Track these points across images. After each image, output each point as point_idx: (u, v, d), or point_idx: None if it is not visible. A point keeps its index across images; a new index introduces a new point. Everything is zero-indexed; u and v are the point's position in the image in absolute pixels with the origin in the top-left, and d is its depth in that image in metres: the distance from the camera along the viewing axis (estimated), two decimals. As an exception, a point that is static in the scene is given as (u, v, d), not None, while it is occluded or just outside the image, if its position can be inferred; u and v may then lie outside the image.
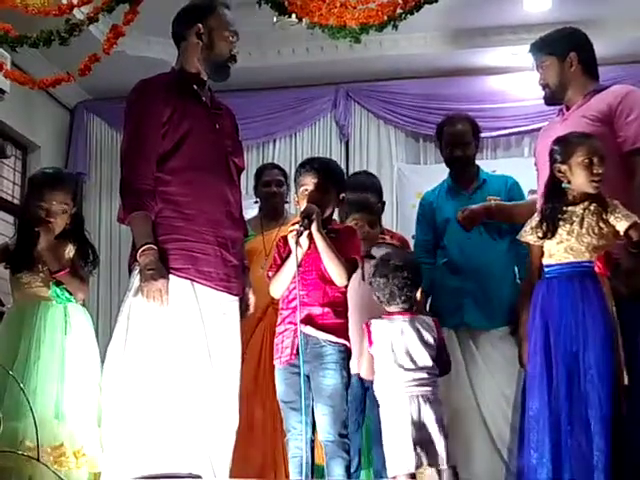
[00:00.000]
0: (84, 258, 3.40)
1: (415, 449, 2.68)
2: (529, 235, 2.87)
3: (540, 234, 2.81)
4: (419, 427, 2.71)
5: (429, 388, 2.77)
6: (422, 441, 2.70)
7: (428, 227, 4.01)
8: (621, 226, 2.71)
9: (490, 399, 3.61)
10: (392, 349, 2.81)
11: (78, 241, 3.40)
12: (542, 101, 3.42)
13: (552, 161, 2.85)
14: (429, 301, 3.88)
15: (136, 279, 2.79)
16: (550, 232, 2.77)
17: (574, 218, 2.76)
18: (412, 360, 2.79)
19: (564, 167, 2.81)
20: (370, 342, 2.87)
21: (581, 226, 2.73)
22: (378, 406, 2.88)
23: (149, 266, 2.70)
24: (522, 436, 2.77)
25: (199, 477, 2.57)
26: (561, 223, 2.76)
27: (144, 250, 2.73)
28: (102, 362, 2.90)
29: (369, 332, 2.87)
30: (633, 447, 2.57)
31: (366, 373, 2.91)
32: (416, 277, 2.91)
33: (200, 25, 2.98)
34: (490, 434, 3.58)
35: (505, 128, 6.38)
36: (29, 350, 3.13)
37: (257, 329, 3.74)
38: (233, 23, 3.03)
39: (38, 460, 2.55)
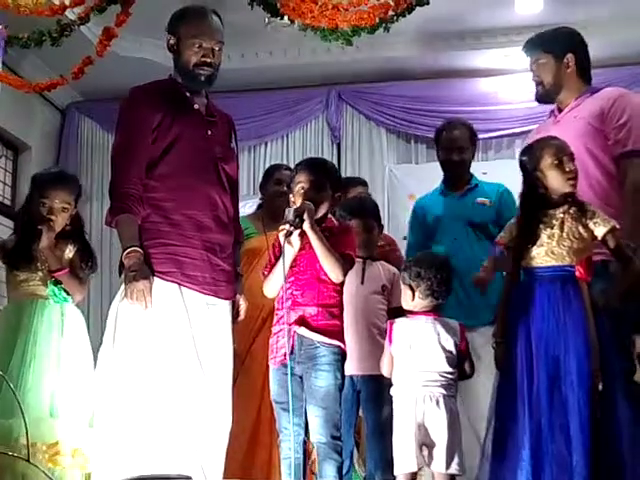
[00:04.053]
0: (84, 260, 3.39)
1: (418, 450, 2.67)
2: (508, 239, 2.86)
3: (521, 241, 2.80)
4: (425, 428, 2.69)
5: (441, 391, 2.73)
6: (426, 443, 2.69)
7: (420, 230, 4.03)
8: (599, 231, 2.71)
9: (476, 397, 3.59)
10: (410, 349, 2.79)
11: (78, 243, 3.40)
12: (533, 103, 3.43)
13: (524, 171, 2.86)
14: None
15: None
16: (531, 239, 2.76)
17: (554, 222, 2.75)
18: (428, 361, 2.76)
19: (537, 174, 2.81)
20: (390, 341, 2.85)
21: (562, 230, 2.72)
22: (381, 406, 2.86)
23: (132, 268, 2.71)
24: (496, 441, 2.73)
25: (189, 478, 2.56)
26: (542, 227, 2.76)
27: (129, 253, 2.74)
28: (94, 365, 2.90)
29: (391, 331, 2.85)
30: (609, 450, 2.56)
31: (386, 371, 2.89)
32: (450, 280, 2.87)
33: (170, 35, 3.02)
34: (476, 433, 3.57)
35: (496, 130, 6.39)
36: (25, 348, 3.13)
37: (262, 330, 3.71)
38: (204, 30, 2.96)
39: (28, 461, 2.54)
